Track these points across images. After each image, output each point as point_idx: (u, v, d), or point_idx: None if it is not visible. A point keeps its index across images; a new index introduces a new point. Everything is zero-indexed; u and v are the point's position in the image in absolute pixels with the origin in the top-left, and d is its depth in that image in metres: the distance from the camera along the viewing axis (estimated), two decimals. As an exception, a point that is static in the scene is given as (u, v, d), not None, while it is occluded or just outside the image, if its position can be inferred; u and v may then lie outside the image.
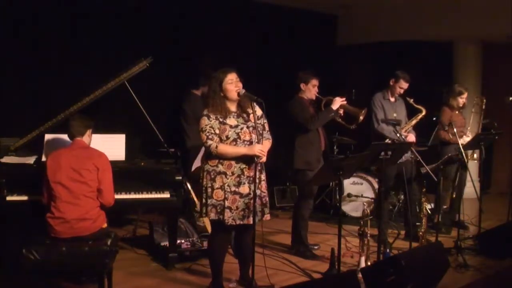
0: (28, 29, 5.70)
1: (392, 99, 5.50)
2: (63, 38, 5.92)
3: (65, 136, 4.07)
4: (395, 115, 5.43)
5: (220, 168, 3.84)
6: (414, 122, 5.50)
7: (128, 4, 6.43)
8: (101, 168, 3.76)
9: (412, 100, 5.48)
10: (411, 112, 5.60)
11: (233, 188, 3.84)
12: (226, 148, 3.80)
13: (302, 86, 5.12)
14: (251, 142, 3.86)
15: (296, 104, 5.07)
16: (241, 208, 3.85)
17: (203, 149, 4.12)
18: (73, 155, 3.73)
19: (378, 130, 5.31)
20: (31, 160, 4.36)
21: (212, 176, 3.85)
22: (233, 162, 3.84)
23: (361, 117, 5.06)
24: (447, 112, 6.07)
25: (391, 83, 5.46)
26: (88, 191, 3.69)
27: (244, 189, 3.86)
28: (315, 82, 5.12)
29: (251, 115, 3.90)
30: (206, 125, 3.82)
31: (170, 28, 6.81)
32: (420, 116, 5.48)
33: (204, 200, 3.88)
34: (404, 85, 5.41)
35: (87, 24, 6.08)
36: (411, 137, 5.37)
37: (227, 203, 3.81)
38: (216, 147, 3.77)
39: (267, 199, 4.02)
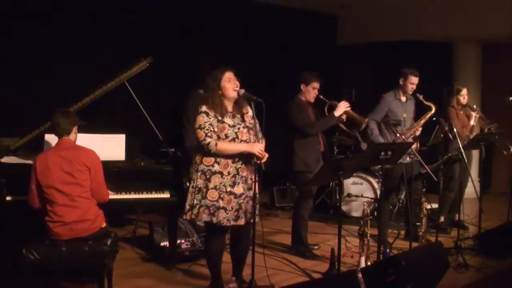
0: (27, 29, 5.71)
1: (403, 99, 5.39)
2: (63, 38, 5.92)
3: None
4: (405, 115, 5.33)
5: (216, 167, 3.78)
6: (423, 121, 5.35)
7: (128, 4, 6.43)
8: (92, 168, 3.67)
9: (422, 96, 5.33)
10: (421, 111, 5.46)
11: (228, 189, 3.79)
12: (226, 145, 3.76)
13: (302, 86, 5.04)
14: (247, 142, 3.84)
15: (295, 107, 5.00)
16: (235, 209, 3.81)
17: None
18: (61, 157, 3.60)
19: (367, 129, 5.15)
20: (31, 160, 4.35)
21: (207, 176, 3.79)
22: (229, 162, 3.79)
23: (364, 125, 5.01)
24: (454, 112, 5.99)
25: (400, 82, 5.33)
26: (83, 192, 3.63)
27: (238, 189, 3.82)
28: (316, 85, 5.02)
29: (246, 115, 3.89)
30: (205, 122, 3.77)
31: (170, 28, 6.80)
32: (429, 115, 5.33)
33: (196, 201, 3.80)
34: (414, 80, 5.29)
35: (87, 24, 6.08)
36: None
37: (222, 204, 3.76)
38: (216, 144, 3.73)
39: (258, 199, 3.96)
